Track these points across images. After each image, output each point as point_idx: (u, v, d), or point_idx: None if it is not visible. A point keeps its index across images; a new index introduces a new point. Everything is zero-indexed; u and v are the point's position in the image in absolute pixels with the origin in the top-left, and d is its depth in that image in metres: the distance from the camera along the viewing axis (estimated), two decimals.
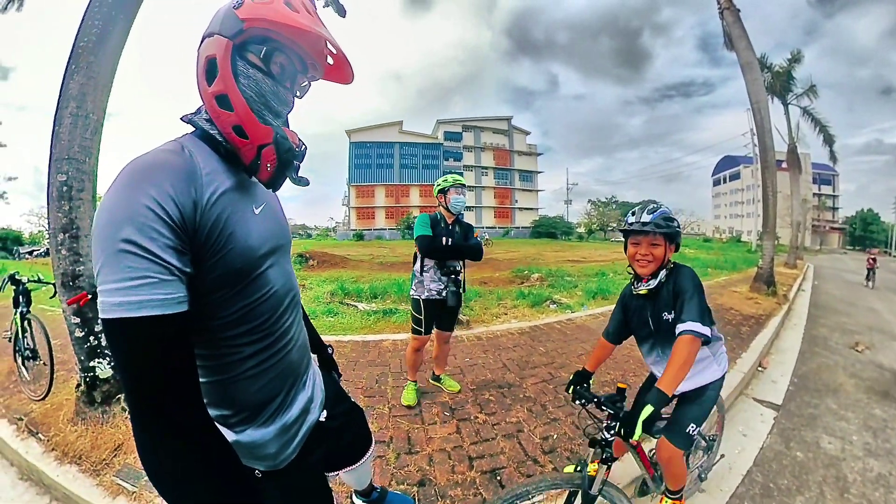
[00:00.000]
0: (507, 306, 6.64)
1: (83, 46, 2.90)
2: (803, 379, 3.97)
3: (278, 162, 0.81)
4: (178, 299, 0.63)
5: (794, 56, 13.80)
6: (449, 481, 2.17)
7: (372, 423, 2.72)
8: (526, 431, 2.64)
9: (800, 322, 6.49)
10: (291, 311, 0.96)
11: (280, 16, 0.73)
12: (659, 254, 1.64)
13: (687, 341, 1.45)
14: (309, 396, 1.03)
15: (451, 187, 2.85)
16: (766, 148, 8.09)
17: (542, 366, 3.78)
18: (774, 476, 2.42)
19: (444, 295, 2.84)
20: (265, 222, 0.87)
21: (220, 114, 0.76)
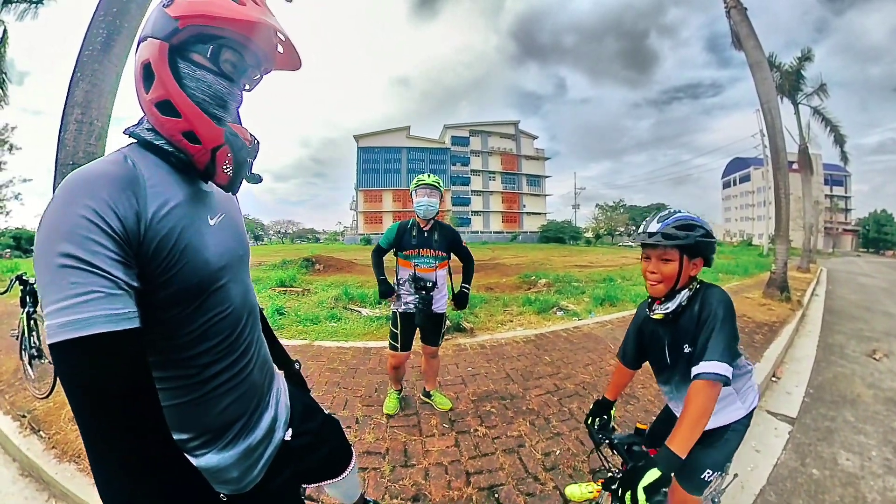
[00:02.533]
0: (513, 313, 6.53)
1: (88, 54, 2.96)
2: (819, 390, 3.80)
3: (234, 162, 0.77)
4: (128, 315, 0.58)
5: (805, 55, 13.53)
6: (444, 497, 2.08)
7: (368, 433, 2.67)
8: (527, 446, 2.54)
9: (814, 329, 6.29)
10: (251, 327, 0.91)
11: (222, 10, 0.68)
12: (670, 271, 1.34)
13: (702, 387, 1.18)
14: (273, 416, 0.98)
15: (417, 188, 2.63)
16: (778, 149, 7.91)
17: (547, 376, 3.67)
18: (789, 495, 2.28)
19: (416, 308, 2.68)
20: (222, 234, 0.83)
21: (165, 121, 0.71)
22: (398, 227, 2.71)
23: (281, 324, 5.55)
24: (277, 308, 6.20)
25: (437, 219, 2.72)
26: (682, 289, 1.38)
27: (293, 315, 6.02)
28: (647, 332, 1.56)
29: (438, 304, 2.72)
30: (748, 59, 8.03)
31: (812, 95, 14.33)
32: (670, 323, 1.43)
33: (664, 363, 1.51)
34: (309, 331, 5.25)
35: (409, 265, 2.66)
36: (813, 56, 13.57)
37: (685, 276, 1.36)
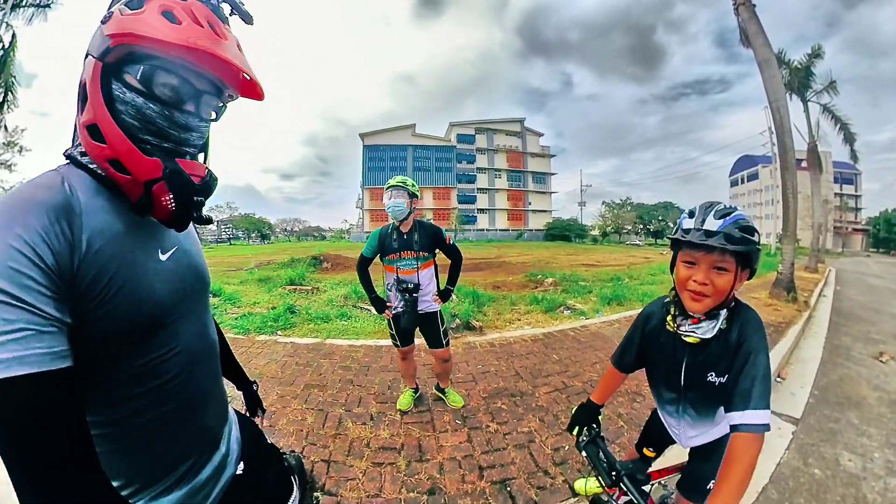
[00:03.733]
0: (521, 312, 6.58)
1: None
2: (824, 391, 3.81)
3: (177, 201, 0.69)
4: (59, 353, 0.54)
5: (814, 51, 13.34)
6: (459, 490, 2.17)
7: (384, 429, 2.76)
8: (537, 442, 2.62)
9: (821, 330, 6.26)
10: (206, 368, 0.85)
11: (151, 29, 0.61)
12: (723, 284, 1.06)
13: (752, 442, 0.98)
14: (224, 452, 0.92)
15: (385, 190, 2.60)
16: (786, 148, 7.85)
17: (556, 374, 3.74)
18: (791, 494, 2.32)
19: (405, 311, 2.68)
20: (175, 270, 0.78)
21: (92, 146, 0.66)
22: (379, 233, 2.71)
23: (293, 322, 5.67)
24: (289, 307, 6.31)
25: (416, 218, 2.71)
26: (724, 307, 1.13)
27: (304, 313, 6.13)
28: (658, 343, 1.33)
29: (425, 304, 2.72)
30: (756, 57, 7.97)
31: (822, 92, 14.11)
32: (697, 345, 1.20)
33: (674, 384, 1.33)
34: (320, 329, 5.35)
35: (392, 269, 2.67)
36: (823, 53, 13.37)
37: (734, 291, 1.10)
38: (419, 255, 2.64)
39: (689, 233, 1.07)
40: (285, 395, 3.30)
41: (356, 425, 2.83)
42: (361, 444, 2.59)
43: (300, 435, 2.70)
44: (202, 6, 0.69)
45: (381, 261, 2.73)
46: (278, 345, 4.66)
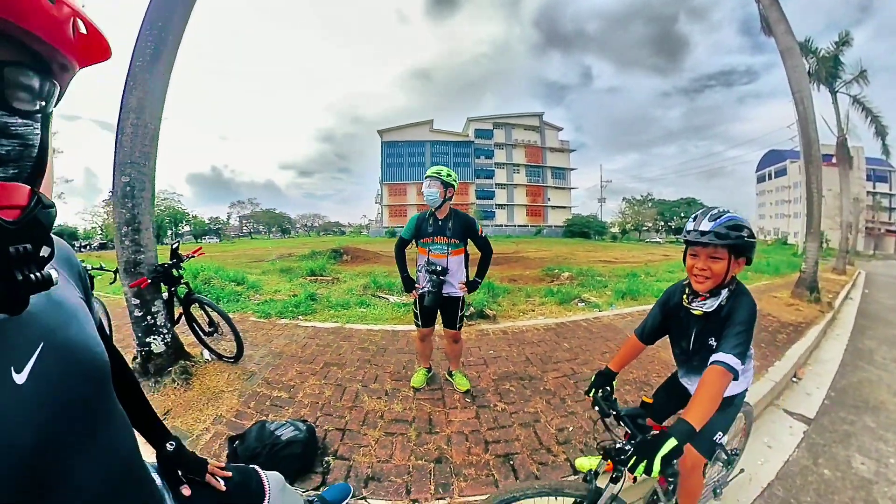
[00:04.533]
0: (535, 303, 6.64)
1: (139, 66, 3.24)
2: (841, 393, 3.69)
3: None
4: None
5: (842, 38, 12.58)
6: (464, 461, 2.30)
7: (397, 403, 2.92)
8: (542, 422, 2.71)
9: (844, 332, 6.06)
10: (125, 491, 0.65)
11: None
12: (719, 269, 1.43)
13: (719, 373, 1.30)
14: None
15: (426, 180, 2.75)
16: (811, 141, 7.58)
17: (565, 361, 3.81)
18: (797, 492, 2.30)
19: (433, 293, 2.81)
20: (46, 387, 0.51)
21: None
22: (417, 217, 2.91)
23: (314, 308, 5.88)
24: (310, 294, 6.56)
25: (453, 208, 2.87)
26: (725, 286, 1.47)
27: (325, 301, 6.35)
28: (676, 316, 1.67)
29: (450, 288, 2.86)
30: (779, 46, 7.65)
31: (851, 83, 13.27)
32: (701, 317, 1.55)
33: (686, 348, 1.65)
34: (340, 315, 5.54)
35: (424, 252, 2.86)
36: (851, 40, 12.55)
37: (731, 274, 1.45)
38: (450, 241, 2.81)
39: (690, 233, 1.44)
40: (304, 371, 3.49)
41: (371, 399, 2.99)
42: (375, 416, 2.75)
43: (315, 406, 2.88)
44: None
45: (415, 243, 2.92)
46: (299, 328, 4.87)
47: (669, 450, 1.11)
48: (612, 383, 1.71)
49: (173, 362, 3.20)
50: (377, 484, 2.11)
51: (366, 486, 2.09)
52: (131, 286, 3.07)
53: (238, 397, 3.01)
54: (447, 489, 2.08)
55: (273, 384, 3.22)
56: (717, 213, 1.43)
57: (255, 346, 4.07)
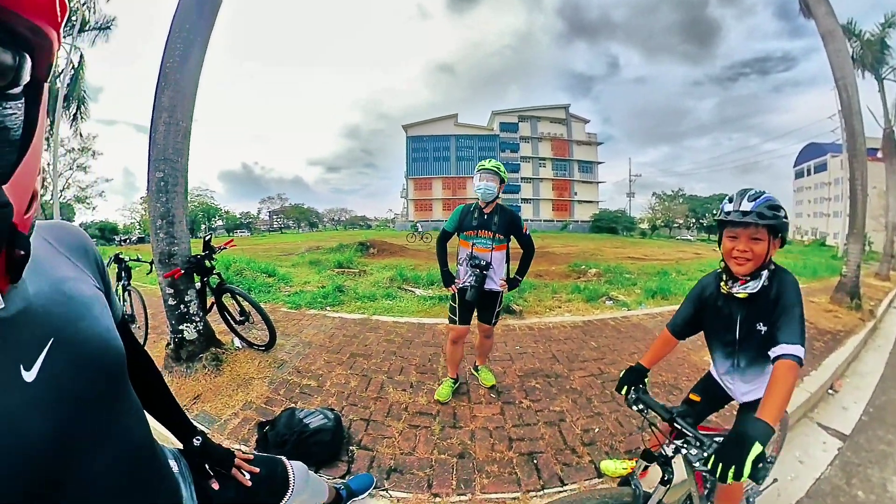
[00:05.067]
0: (562, 300, 6.53)
1: (169, 66, 3.35)
2: (880, 410, 3.41)
3: None
4: None
5: (888, 20, 11.34)
6: (487, 457, 2.27)
7: (422, 396, 2.92)
8: (568, 422, 2.65)
9: (886, 344, 5.58)
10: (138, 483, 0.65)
11: None
12: (760, 250, 1.39)
13: (790, 367, 1.25)
14: None
15: (476, 173, 2.72)
16: (855, 133, 6.96)
17: (592, 360, 3.72)
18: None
19: (475, 286, 2.74)
20: (57, 384, 0.50)
21: None
22: (461, 209, 2.84)
23: (341, 300, 5.98)
24: (338, 286, 6.67)
25: (498, 203, 2.79)
26: (765, 268, 1.42)
27: (352, 293, 6.43)
28: (715, 306, 1.59)
29: (492, 283, 2.78)
30: (819, 28, 7.03)
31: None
32: (746, 301, 1.47)
33: (730, 338, 1.57)
34: (367, 307, 5.60)
35: (467, 245, 2.77)
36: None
37: (770, 255, 1.42)
38: (495, 236, 2.74)
39: (730, 214, 1.39)
40: (331, 361, 3.54)
41: (396, 391, 3.00)
42: (400, 408, 2.76)
43: (341, 396, 2.92)
44: None
45: (457, 236, 2.84)
46: (327, 318, 4.96)
47: (758, 454, 1.03)
48: (646, 381, 1.62)
49: (205, 349, 3.32)
50: (399, 476, 2.12)
51: (388, 477, 2.10)
52: (165, 276, 3.20)
53: (268, 384, 3.09)
54: (469, 485, 2.06)
55: (302, 373, 3.29)
56: (755, 194, 1.39)
57: (286, 335, 4.15)
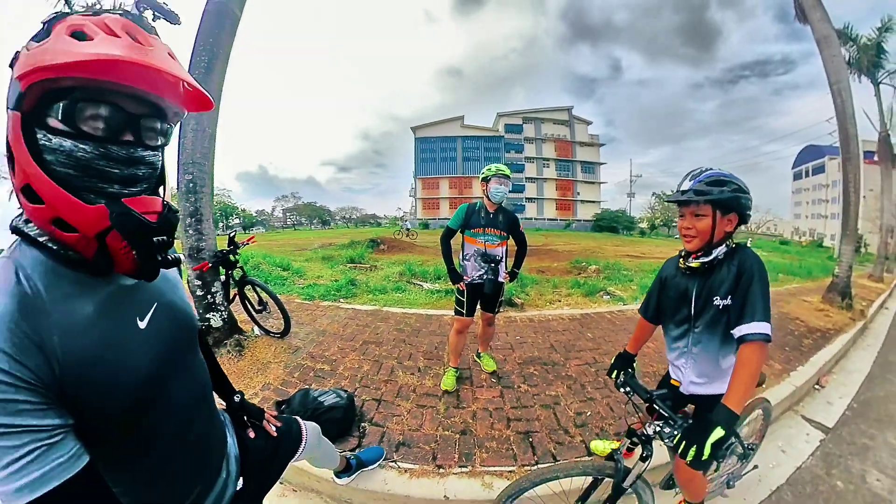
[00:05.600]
0: (562, 294, 6.62)
1: (195, 76, 3.47)
2: (865, 405, 3.43)
3: (136, 247, 0.60)
4: (75, 454, 0.55)
5: (884, 24, 11.09)
6: (487, 435, 2.39)
7: (428, 380, 3.05)
8: (562, 405, 2.76)
9: (875, 343, 5.56)
10: (202, 412, 0.85)
11: (60, 54, 0.51)
12: (703, 226, 1.33)
13: (756, 349, 1.20)
14: (224, 477, 0.93)
15: (493, 177, 2.79)
16: (848, 136, 6.92)
17: (588, 350, 3.81)
18: (805, 499, 2.21)
19: (483, 280, 2.86)
20: (158, 333, 0.72)
21: (32, 210, 0.58)
22: (467, 208, 2.89)
23: (354, 292, 6.13)
24: (350, 280, 6.83)
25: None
26: (719, 244, 1.37)
27: (364, 286, 6.58)
28: (671, 283, 1.56)
29: (501, 274, 2.93)
30: (814, 34, 6.99)
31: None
32: (702, 274, 1.42)
33: (685, 314, 1.50)
34: (378, 299, 5.75)
35: (476, 242, 2.85)
36: (895, 25, 11.02)
37: (720, 231, 1.35)
38: (501, 233, 2.87)
39: (675, 195, 1.38)
40: (345, 347, 3.69)
41: (405, 374, 3.14)
42: (408, 390, 2.90)
43: (354, 379, 3.06)
44: (117, 18, 0.57)
45: (463, 233, 2.90)
46: (340, 309, 5.10)
47: (718, 438, 1.09)
48: (634, 365, 1.71)
49: (229, 336, 3.49)
50: (407, 449, 2.25)
51: (397, 450, 2.23)
52: (194, 269, 3.38)
53: (284, 368, 3.24)
54: (470, 459, 2.19)
55: (316, 358, 3.43)
56: (698, 171, 1.37)
57: (300, 324, 4.30)
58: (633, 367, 1.69)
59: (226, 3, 3.67)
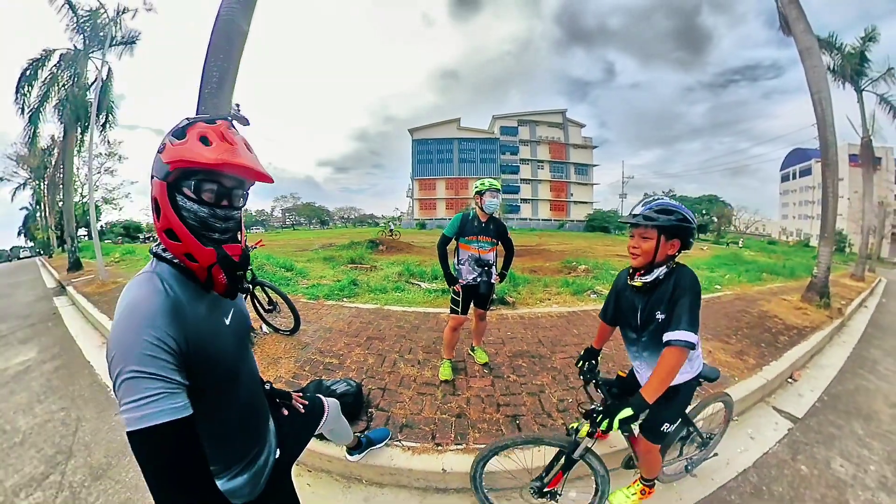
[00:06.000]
0: (552, 293, 6.84)
1: (207, 92, 3.69)
2: (834, 398, 3.50)
3: (227, 277, 0.89)
4: (184, 406, 0.74)
5: (868, 34, 11.37)
6: (479, 418, 2.66)
7: (427, 371, 3.31)
8: (547, 393, 3.01)
9: (851, 340, 5.66)
10: (256, 388, 1.13)
11: (193, 154, 0.80)
12: (648, 248, 1.51)
13: (676, 353, 1.40)
14: (269, 444, 1.18)
15: (486, 191, 2.99)
16: (827, 144, 7.21)
17: (572, 345, 4.04)
18: (770, 481, 2.29)
19: (477, 282, 3.08)
20: (235, 327, 1.02)
21: (171, 245, 0.85)
22: (461, 217, 3.06)
23: (356, 292, 6.37)
24: (352, 280, 7.08)
25: None
26: (661, 265, 1.54)
27: (365, 286, 6.83)
28: (624, 297, 1.73)
29: (493, 276, 3.15)
30: (797, 45, 7.22)
31: (878, 81, 11.95)
32: (646, 292, 1.59)
33: (634, 325, 1.68)
34: (379, 298, 5.99)
35: (470, 248, 3.06)
36: (878, 35, 11.27)
37: (662, 253, 1.51)
38: (491, 240, 3.09)
39: (627, 217, 1.57)
40: (350, 343, 3.94)
41: (407, 366, 3.41)
42: (410, 380, 3.17)
43: (360, 371, 3.32)
44: (224, 124, 0.87)
45: (457, 240, 3.08)
46: (344, 308, 5.35)
47: (626, 416, 1.34)
48: (597, 358, 1.95)
49: None
50: (409, 430, 2.51)
51: (401, 431, 2.50)
52: None
53: (294, 363, 3.48)
54: (465, 438, 2.46)
55: (325, 353, 3.69)
56: (649, 200, 1.55)
57: (307, 322, 4.54)
58: (596, 360, 1.93)
59: (234, 20, 3.84)
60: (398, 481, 2.23)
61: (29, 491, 2.21)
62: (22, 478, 2.32)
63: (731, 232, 56.74)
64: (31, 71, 10.21)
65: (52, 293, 8.76)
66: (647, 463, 1.84)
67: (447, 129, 58.82)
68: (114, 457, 2.50)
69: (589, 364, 1.85)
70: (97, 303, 6.42)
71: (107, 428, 2.84)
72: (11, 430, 2.86)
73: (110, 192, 34.99)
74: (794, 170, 58.66)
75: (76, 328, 5.56)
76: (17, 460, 2.50)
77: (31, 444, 2.67)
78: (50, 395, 3.42)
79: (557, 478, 1.77)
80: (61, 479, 2.30)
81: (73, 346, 4.73)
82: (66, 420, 2.97)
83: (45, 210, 26.08)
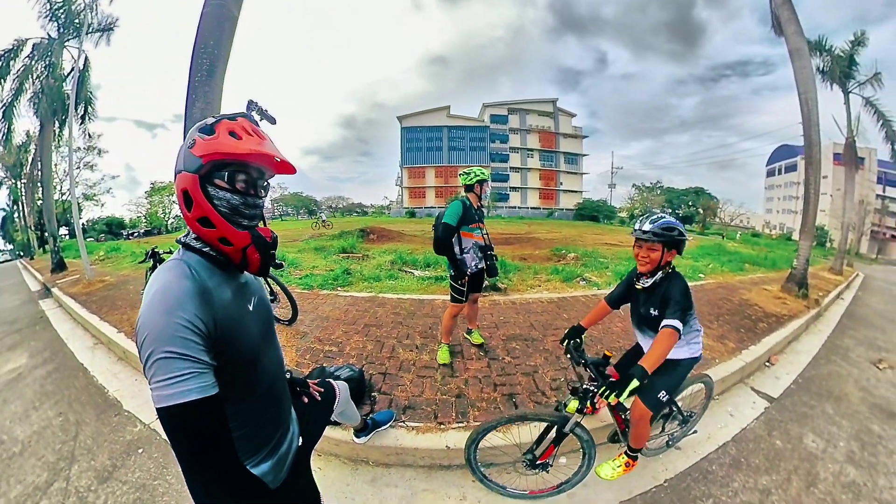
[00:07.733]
0: (542, 280, 7.01)
1: (198, 80, 3.61)
2: (808, 381, 3.69)
3: (261, 256, 0.97)
4: (211, 385, 0.78)
5: (857, 38, 11.71)
6: (478, 397, 2.81)
7: (426, 355, 3.44)
8: (540, 373, 3.18)
9: (826, 329, 5.81)
10: (280, 374, 1.16)
11: (226, 147, 0.87)
12: (655, 257, 1.84)
13: (667, 334, 1.68)
14: (292, 432, 1.22)
15: (486, 181, 3.12)
16: (812, 143, 7.46)
17: (563, 328, 4.17)
18: (748, 454, 2.48)
19: (481, 268, 3.15)
20: (258, 313, 1.06)
21: (205, 232, 0.91)
22: (461, 205, 3.03)
23: (350, 281, 6.45)
24: (345, 269, 7.14)
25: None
26: (659, 270, 1.89)
27: (358, 275, 6.90)
28: (633, 290, 2.07)
29: (495, 258, 3.22)
30: (788, 46, 7.42)
31: (865, 84, 12.29)
32: (647, 292, 1.95)
33: (637, 315, 2.06)
34: (373, 286, 6.09)
35: (473, 236, 3.11)
36: (866, 40, 11.60)
37: (664, 260, 1.86)
38: (484, 226, 3.20)
39: (636, 232, 1.85)
40: (349, 331, 4.04)
41: (405, 351, 3.53)
42: (409, 364, 3.29)
43: (360, 357, 3.43)
44: (244, 121, 0.95)
45: (457, 229, 3.04)
46: (339, 297, 5.43)
47: (635, 386, 1.53)
48: (582, 337, 2.11)
49: None
50: (412, 411, 2.64)
51: (404, 412, 2.63)
52: None
53: (295, 351, 3.57)
54: (465, 416, 2.60)
55: (324, 341, 3.78)
56: (655, 218, 1.86)
57: (303, 312, 4.59)
58: (580, 338, 2.09)
59: (224, 4, 3.72)
60: (404, 461, 2.35)
61: (35, 500, 2.14)
62: (26, 487, 2.25)
63: (716, 224, 57.72)
64: (3, 63, 9.67)
65: (36, 296, 8.41)
66: (637, 431, 1.98)
67: (437, 117, 58.27)
68: (118, 458, 2.47)
69: (574, 342, 2.01)
70: (85, 303, 6.18)
71: (108, 429, 2.80)
72: (9, 441, 2.74)
73: (91, 188, 34.09)
74: (780, 165, 59.45)
75: (65, 330, 5.35)
76: (18, 470, 2.41)
77: (31, 453, 2.58)
78: (45, 400, 3.30)
79: (549, 451, 1.97)
80: (66, 485, 2.25)
81: (65, 349, 4.57)
82: (65, 425, 2.89)
83: (24, 210, 25.02)
